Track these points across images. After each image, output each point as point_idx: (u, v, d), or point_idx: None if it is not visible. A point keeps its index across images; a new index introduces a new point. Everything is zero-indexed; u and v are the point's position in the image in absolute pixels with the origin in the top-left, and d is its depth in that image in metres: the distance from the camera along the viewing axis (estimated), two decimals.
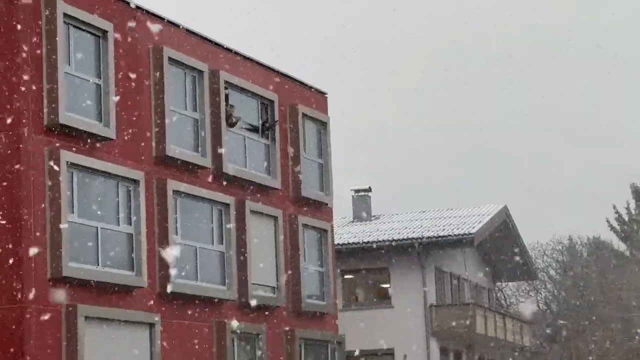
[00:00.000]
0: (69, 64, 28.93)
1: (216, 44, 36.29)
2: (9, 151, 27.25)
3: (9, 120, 27.39)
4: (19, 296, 27.00)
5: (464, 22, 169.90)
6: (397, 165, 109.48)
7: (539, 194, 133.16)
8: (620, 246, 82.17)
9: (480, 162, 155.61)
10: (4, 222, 27.20)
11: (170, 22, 33.59)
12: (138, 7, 31.80)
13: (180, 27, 34.34)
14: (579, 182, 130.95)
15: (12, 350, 26.78)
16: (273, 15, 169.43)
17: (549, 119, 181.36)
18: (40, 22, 28.26)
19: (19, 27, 27.81)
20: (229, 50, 36.16)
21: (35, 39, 28.10)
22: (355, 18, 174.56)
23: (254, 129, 37.19)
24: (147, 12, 32.32)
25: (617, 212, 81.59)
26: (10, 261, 27.16)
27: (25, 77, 27.61)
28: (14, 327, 26.94)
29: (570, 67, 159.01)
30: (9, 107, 27.35)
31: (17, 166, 27.29)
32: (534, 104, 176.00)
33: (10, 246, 27.15)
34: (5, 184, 27.28)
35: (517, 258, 61.13)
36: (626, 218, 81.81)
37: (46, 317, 27.59)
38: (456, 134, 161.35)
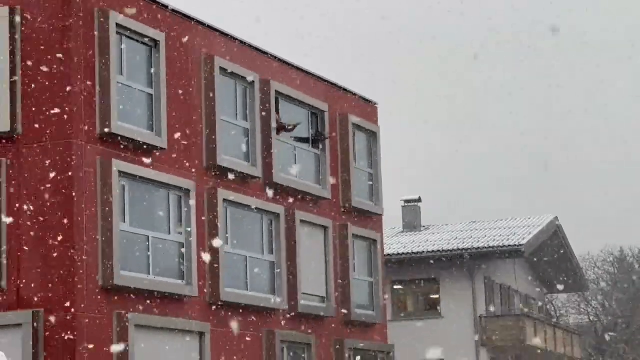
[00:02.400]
0: (122, 74, 29.20)
1: (266, 53, 36.16)
2: (62, 160, 27.42)
3: (62, 130, 27.62)
4: (71, 304, 27.19)
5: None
6: (447, 176, 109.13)
7: (591, 204, 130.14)
8: None
9: (532, 171, 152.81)
10: (57, 231, 27.41)
11: (221, 32, 33.74)
12: (190, 17, 31.97)
13: (231, 37, 34.42)
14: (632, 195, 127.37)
15: (63, 355, 26.99)
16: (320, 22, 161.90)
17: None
18: (93, 33, 28.51)
19: (73, 37, 28.08)
20: (279, 60, 36.23)
21: (88, 49, 28.34)
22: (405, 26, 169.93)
23: (304, 140, 37.17)
24: (199, 22, 32.61)
25: None
26: (63, 270, 27.45)
27: (79, 87, 27.86)
28: (66, 335, 27.10)
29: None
30: (63, 116, 27.56)
31: (69, 174, 27.51)
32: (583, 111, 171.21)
33: (63, 255, 27.41)
34: (58, 193, 27.49)
35: (568, 269, 60.99)
36: None
37: (98, 325, 27.81)
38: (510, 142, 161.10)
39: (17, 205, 27.80)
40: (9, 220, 27.80)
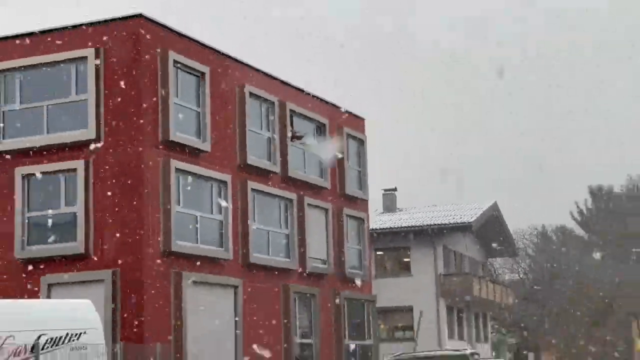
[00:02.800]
0: (177, 96, 29.36)
1: (284, 82, 36.22)
2: (135, 160, 27.73)
3: (135, 137, 27.92)
4: (140, 265, 27.53)
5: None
6: (415, 169, 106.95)
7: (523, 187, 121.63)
8: (579, 231, 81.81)
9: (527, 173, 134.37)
10: (130, 211, 27.72)
11: (250, 66, 33.89)
12: (227, 55, 32.24)
13: (257, 69, 34.40)
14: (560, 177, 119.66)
15: (134, 303, 27.21)
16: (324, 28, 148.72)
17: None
18: (157, 66, 28.74)
19: (142, 69, 28.35)
20: (293, 86, 36.66)
21: (153, 78, 28.60)
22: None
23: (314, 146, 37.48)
24: (234, 58, 32.87)
25: (578, 207, 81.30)
26: (135, 240, 27.74)
27: (147, 106, 28.19)
28: (136, 287, 27.41)
29: None
30: (135, 127, 27.85)
31: (140, 170, 27.80)
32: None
33: (135, 228, 27.69)
34: (132, 184, 27.79)
35: (503, 239, 61.13)
36: (585, 211, 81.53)
37: (160, 280, 28.10)
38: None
39: (102, 192, 28.09)
40: (93, 204, 28.10)
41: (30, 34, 29.76)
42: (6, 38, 30.04)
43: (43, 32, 29.71)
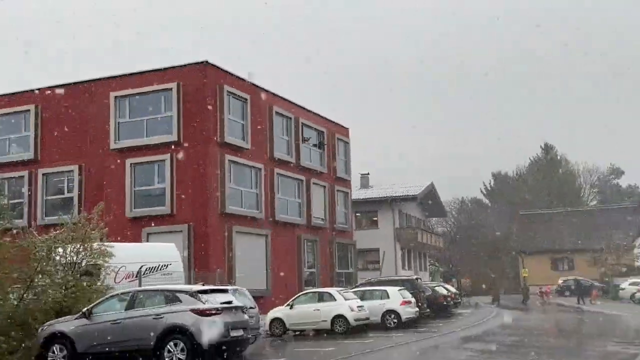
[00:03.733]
0: (229, 114, 29.42)
1: (296, 104, 35.52)
2: (202, 154, 27.80)
3: (202, 141, 28.02)
4: (206, 221, 27.67)
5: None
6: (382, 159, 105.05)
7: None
8: (485, 201, 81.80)
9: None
10: (199, 187, 27.84)
11: (275, 94, 33.52)
12: (261, 87, 32.17)
13: (280, 96, 34.11)
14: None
15: (201, 245, 27.41)
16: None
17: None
18: (216, 94, 28.79)
19: (207, 96, 28.45)
20: (303, 107, 36.26)
21: (214, 102, 28.66)
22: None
23: (317, 145, 37.47)
24: (264, 89, 32.50)
25: (484, 185, 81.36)
26: (202, 205, 27.81)
27: (209, 120, 28.25)
28: (203, 236, 27.66)
29: None
30: (202, 134, 27.95)
31: (205, 162, 27.94)
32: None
33: (202, 198, 27.75)
34: (199, 170, 27.89)
35: (437, 206, 61.07)
36: (489, 187, 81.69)
37: (218, 231, 28.31)
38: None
39: (181, 175, 27.98)
40: (176, 182, 28.34)
41: (136, 73, 29.98)
42: (122, 75, 30.15)
43: (143, 72, 29.85)
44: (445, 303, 32.57)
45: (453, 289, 39.60)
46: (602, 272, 50.46)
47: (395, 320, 25.17)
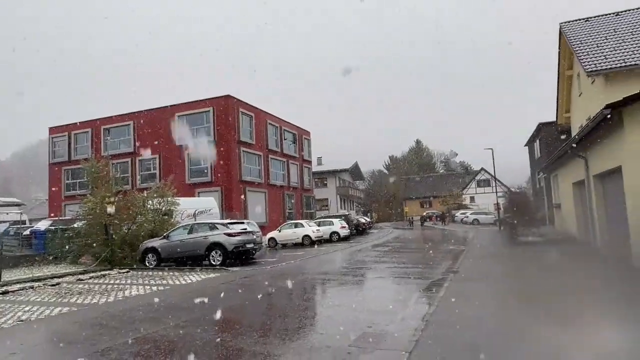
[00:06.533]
0: (242, 125, 29.06)
1: (280, 118, 33.87)
2: (227, 148, 27.36)
3: (228, 140, 27.62)
4: (231, 185, 27.33)
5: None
6: (332, 147, 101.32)
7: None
8: (386, 172, 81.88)
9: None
10: (228, 166, 27.57)
11: (268, 113, 32.23)
12: (260, 109, 31.72)
13: (272, 114, 32.86)
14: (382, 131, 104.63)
15: (229, 198, 27.32)
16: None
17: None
18: (235, 115, 28.41)
19: (229, 116, 28.01)
20: (284, 120, 35.78)
21: (233, 119, 28.33)
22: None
23: (292, 142, 37.19)
24: (262, 110, 31.88)
25: (385, 163, 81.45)
26: (229, 176, 27.40)
27: (232, 129, 27.87)
28: (229, 193, 27.17)
29: None
30: (228, 136, 27.57)
31: (230, 152, 27.61)
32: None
33: (229, 172, 27.43)
34: (228, 156, 27.50)
35: (359, 174, 60.53)
36: (389, 165, 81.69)
37: (237, 190, 28.08)
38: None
39: (218, 160, 27.91)
40: (216, 164, 28.08)
41: (189, 102, 29.25)
42: (179, 104, 29.47)
43: (193, 101, 29.15)
44: (363, 227, 32.69)
45: (368, 219, 40.13)
46: (446, 208, 51.98)
47: (337, 237, 25.55)
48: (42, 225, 20.51)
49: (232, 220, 16.62)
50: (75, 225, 17.33)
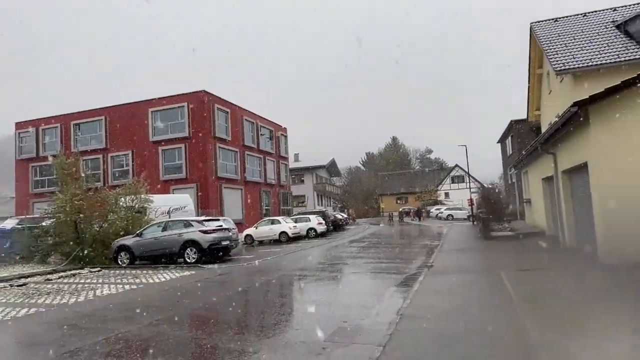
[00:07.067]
0: (218, 120, 28.69)
1: (256, 114, 33.55)
2: (204, 145, 27.00)
3: (204, 136, 27.26)
4: (206, 182, 27.01)
5: None
6: (309, 144, 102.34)
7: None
8: (363, 169, 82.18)
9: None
10: (203, 162, 27.16)
11: (244, 109, 31.78)
12: (236, 105, 31.42)
13: (249, 111, 32.52)
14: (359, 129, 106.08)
15: (206, 195, 26.90)
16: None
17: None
18: (210, 110, 27.99)
19: (205, 111, 27.61)
20: (260, 116, 35.55)
21: (208, 114, 27.86)
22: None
23: (269, 138, 37.03)
24: (238, 106, 31.46)
25: (362, 159, 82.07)
26: (204, 172, 27.03)
27: (207, 124, 27.24)
28: (205, 190, 26.79)
29: None
30: (204, 132, 27.20)
31: (207, 148, 27.27)
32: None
33: (205, 169, 26.87)
34: (203, 153, 27.06)
35: (335, 170, 60.86)
36: (365, 161, 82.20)
37: (215, 187, 27.80)
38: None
39: (192, 157, 27.41)
40: (189, 160, 27.49)
41: (163, 97, 28.70)
42: (153, 99, 28.87)
43: (167, 96, 28.60)
44: (340, 223, 32.83)
45: (345, 216, 40.32)
46: (422, 204, 52.68)
47: (314, 233, 25.55)
48: (9, 224, 19.78)
49: (208, 218, 16.42)
50: (44, 224, 16.81)
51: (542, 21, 18.04)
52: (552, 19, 17.94)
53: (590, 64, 14.28)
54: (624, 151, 8.95)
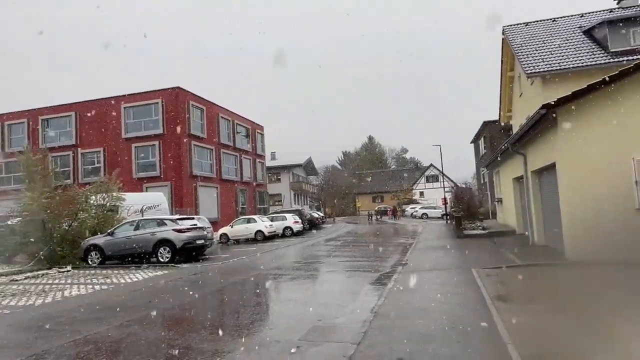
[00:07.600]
0: (193, 117, 28.30)
1: (232, 112, 33.36)
2: (177, 141, 26.68)
3: (178, 133, 26.80)
4: (181, 180, 26.60)
5: None
6: (285, 142, 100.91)
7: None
8: (340, 168, 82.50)
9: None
10: (178, 160, 26.76)
11: (220, 106, 31.51)
12: (212, 102, 31.10)
13: (226, 109, 32.39)
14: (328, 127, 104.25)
15: (183, 193, 26.53)
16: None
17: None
18: (184, 107, 27.64)
19: (179, 108, 27.24)
20: (237, 113, 35.35)
21: (181, 113, 27.51)
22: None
23: (245, 136, 36.76)
24: (214, 103, 31.23)
25: (338, 158, 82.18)
26: (179, 170, 26.88)
27: (181, 121, 26.86)
28: (179, 188, 26.50)
29: None
30: (178, 129, 26.83)
31: (180, 145, 26.87)
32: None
33: (180, 166, 26.79)
34: (177, 151, 26.71)
35: (313, 169, 60.83)
36: (342, 160, 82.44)
37: (190, 187, 27.44)
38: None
39: (166, 154, 26.89)
40: (163, 157, 27.03)
41: (136, 93, 28.18)
42: (124, 95, 28.28)
43: (141, 92, 28.14)
44: (317, 222, 32.93)
45: (322, 214, 40.42)
46: (397, 202, 53.35)
47: (290, 232, 25.57)
48: None
49: (182, 216, 16.18)
50: (9, 223, 16.22)
51: (514, 25, 18.53)
52: (524, 23, 18.45)
53: (559, 67, 14.76)
54: (589, 152, 9.29)
